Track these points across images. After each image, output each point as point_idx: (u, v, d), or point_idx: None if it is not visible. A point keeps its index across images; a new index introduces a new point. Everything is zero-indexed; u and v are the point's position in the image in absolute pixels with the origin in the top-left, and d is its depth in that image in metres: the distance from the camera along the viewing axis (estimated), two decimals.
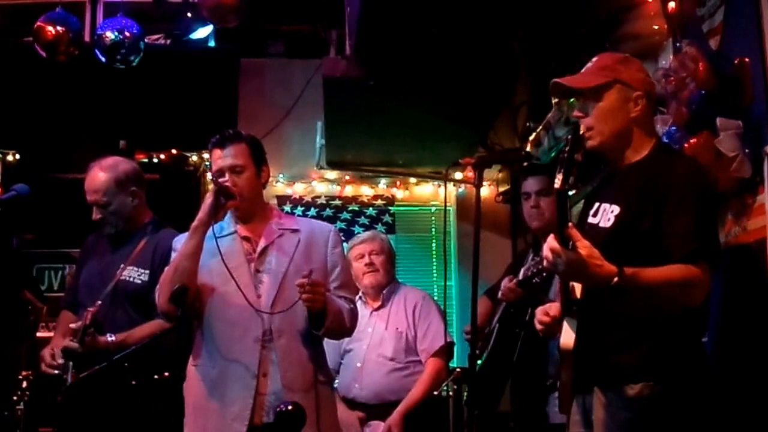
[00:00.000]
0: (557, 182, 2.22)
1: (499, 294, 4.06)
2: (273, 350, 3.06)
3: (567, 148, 2.31)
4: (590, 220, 2.67)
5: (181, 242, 3.13)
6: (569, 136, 2.36)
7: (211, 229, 3.06)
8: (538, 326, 2.69)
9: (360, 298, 4.63)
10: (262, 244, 3.18)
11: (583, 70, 2.68)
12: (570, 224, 2.28)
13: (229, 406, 2.95)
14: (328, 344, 4.49)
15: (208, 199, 3.06)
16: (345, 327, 3.24)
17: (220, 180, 3.11)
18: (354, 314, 3.29)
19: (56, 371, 3.43)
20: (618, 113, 2.63)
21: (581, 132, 2.64)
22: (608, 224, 2.59)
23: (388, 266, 4.56)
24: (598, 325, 2.56)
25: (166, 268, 3.14)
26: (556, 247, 2.27)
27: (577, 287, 2.62)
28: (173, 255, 3.16)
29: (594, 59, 2.70)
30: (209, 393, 3.05)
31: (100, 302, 3.47)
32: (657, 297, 2.38)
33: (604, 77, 2.62)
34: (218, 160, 3.17)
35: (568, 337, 2.63)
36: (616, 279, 2.28)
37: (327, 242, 3.25)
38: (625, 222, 2.54)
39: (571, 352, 2.61)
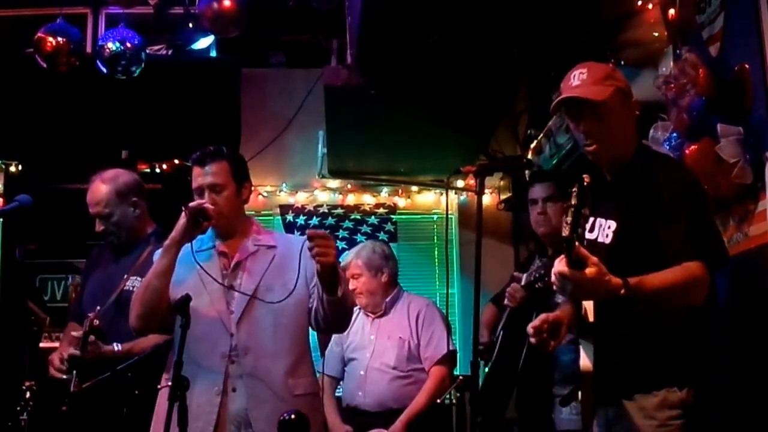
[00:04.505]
0: (565, 230, 2.17)
1: (505, 299, 4.06)
2: (240, 366, 3.06)
3: (574, 202, 2.18)
4: (588, 235, 2.65)
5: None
6: (575, 189, 2.22)
7: (190, 243, 3.07)
8: (533, 340, 2.63)
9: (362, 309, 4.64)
10: (235, 259, 3.20)
11: (579, 83, 2.62)
12: (577, 245, 2.23)
13: (193, 420, 2.87)
14: (331, 353, 4.56)
15: (182, 219, 3.05)
16: (350, 307, 3.18)
17: (199, 201, 3.10)
18: (352, 298, 3.28)
19: (64, 376, 3.43)
20: (625, 122, 2.65)
21: (586, 142, 2.63)
22: (607, 240, 2.60)
23: (373, 284, 4.50)
24: (614, 342, 2.58)
25: (138, 285, 3.16)
26: (563, 270, 2.25)
27: (590, 311, 2.63)
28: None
29: (582, 71, 2.63)
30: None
31: (99, 307, 3.48)
32: (662, 301, 2.39)
33: (610, 86, 2.60)
34: (198, 177, 3.17)
35: (585, 359, 2.64)
36: (622, 291, 2.28)
37: (303, 251, 3.14)
38: (624, 237, 2.55)
39: (592, 371, 2.62)
